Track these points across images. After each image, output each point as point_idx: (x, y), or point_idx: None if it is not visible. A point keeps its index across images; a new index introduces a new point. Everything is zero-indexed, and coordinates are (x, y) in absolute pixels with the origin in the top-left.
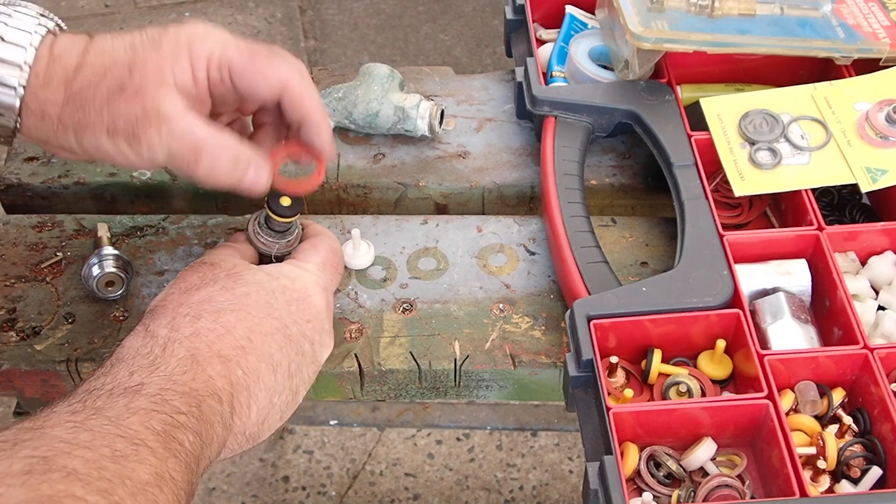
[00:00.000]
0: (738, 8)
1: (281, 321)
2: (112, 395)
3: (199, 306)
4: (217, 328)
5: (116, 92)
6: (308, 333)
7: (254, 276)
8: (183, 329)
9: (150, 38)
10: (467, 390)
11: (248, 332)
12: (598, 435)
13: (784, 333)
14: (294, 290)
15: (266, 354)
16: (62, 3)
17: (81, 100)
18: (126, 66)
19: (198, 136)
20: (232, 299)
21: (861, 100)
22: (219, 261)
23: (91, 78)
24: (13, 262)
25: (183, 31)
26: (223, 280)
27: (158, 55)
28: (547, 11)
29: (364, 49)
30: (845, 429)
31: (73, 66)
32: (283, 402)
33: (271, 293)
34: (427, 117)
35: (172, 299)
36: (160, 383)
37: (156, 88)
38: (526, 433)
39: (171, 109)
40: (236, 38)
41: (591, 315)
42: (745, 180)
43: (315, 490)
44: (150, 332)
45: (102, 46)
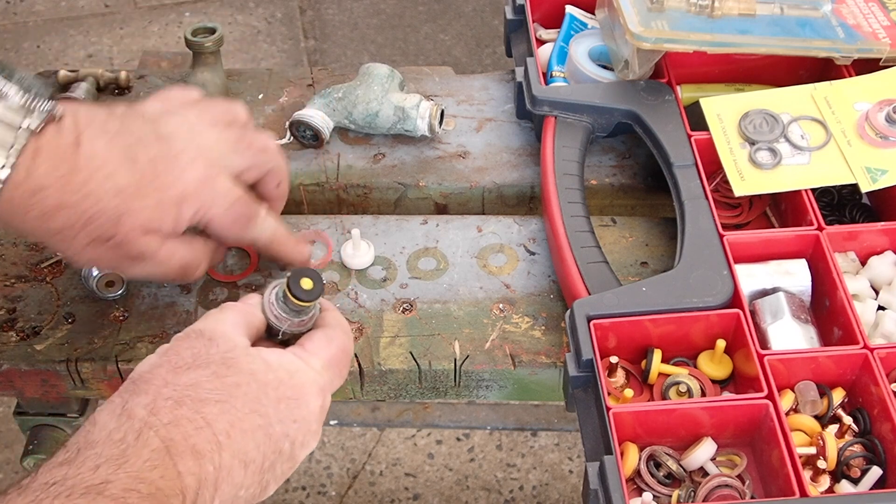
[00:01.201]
0: (738, 8)
1: (266, 419)
2: (71, 497)
3: (184, 391)
4: (197, 419)
5: (99, 241)
6: (291, 434)
7: (250, 364)
8: (162, 415)
9: (141, 181)
10: (467, 390)
11: (229, 426)
12: (598, 435)
13: (784, 333)
14: (289, 386)
15: (241, 451)
16: (62, 3)
17: (61, 238)
18: (112, 218)
19: (180, 259)
20: (220, 388)
21: (861, 100)
22: (218, 336)
23: (73, 221)
24: (13, 262)
25: (177, 185)
26: (216, 365)
27: (145, 207)
28: (547, 11)
29: (364, 49)
30: (845, 429)
31: (52, 205)
32: (248, 495)
33: (263, 387)
34: (427, 117)
35: (159, 376)
36: (125, 483)
37: (140, 239)
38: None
39: (151, 249)
40: (227, 192)
41: (591, 315)
42: (745, 180)
43: (315, 490)
44: (127, 410)
45: (88, 184)
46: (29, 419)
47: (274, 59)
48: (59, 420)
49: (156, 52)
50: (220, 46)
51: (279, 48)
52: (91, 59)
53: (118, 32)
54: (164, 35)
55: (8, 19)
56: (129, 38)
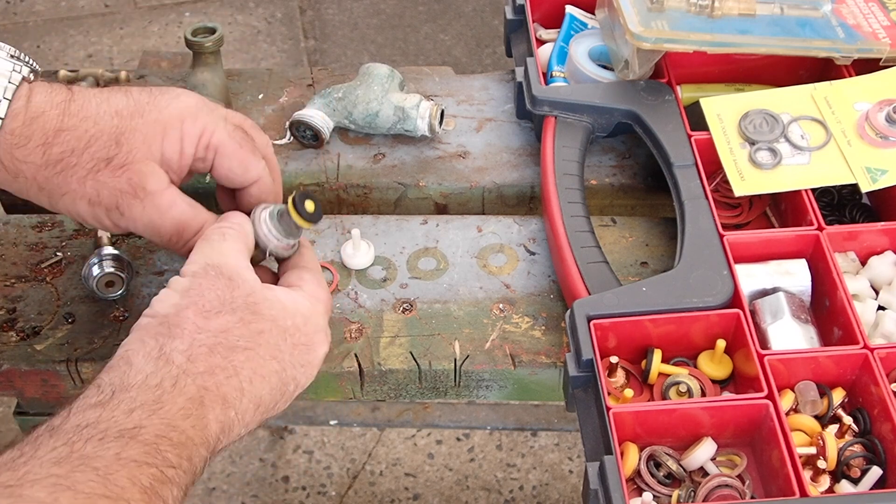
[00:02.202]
0: (738, 8)
1: (282, 364)
2: (104, 440)
3: (216, 338)
4: (228, 368)
5: (102, 163)
6: (298, 377)
7: (271, 309)
8: (199, 362)
9: (137, 104)
10: (467, 390)
11: (252, 373)
12: (598, 435)
13: (784, 333)
14: (303, 332)
15: (257, 396)
16: (62, 3)
17: (62, 166)
18: (113, 136)
19: (181, 213)
20: (247, 336)
21: (861, 100)
22: (236, 275)
23: (74, 145)
24: (13, 262)
25: (175, 104)
26: (242, 311)
27: (147, 125)
28: (547, 11)
29: (364, 49)
30: (845, 429)
31: (52, 129)
32: (246, 431)
33: (283, 334)
34: (427, 117)
35: (189, 319)
36: (158, 429)
37: (143, 162)
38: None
39: (157, 186)
40: (226, 118)
41: (591, 315)
42: (745, 180)
43: (315, 490)
44: (165, 355)
45: (85, 109)
46: (29, 419)
47: (274, 59)
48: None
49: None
50: (220, 46)
51: (279, 48)
52: (91, 59)
53: (118, 32)
54: (164, 35)
55: (8, 19)
56: (129, 38)
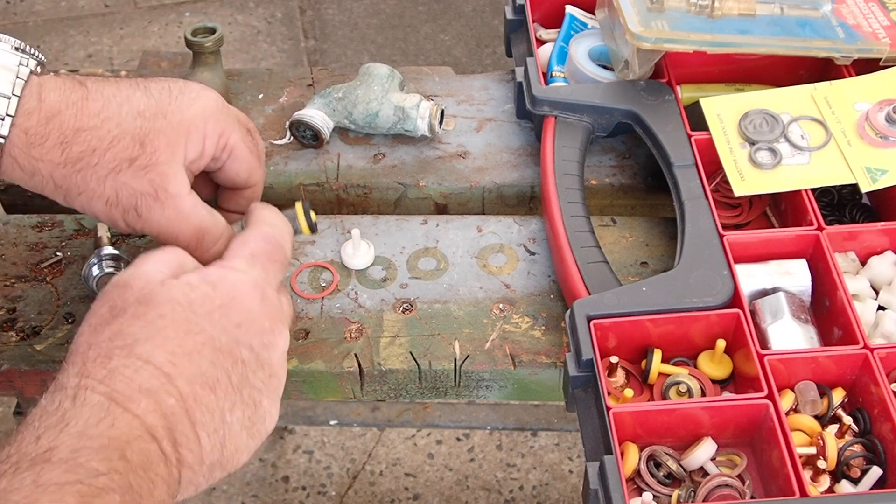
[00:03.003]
0: (738, 8)
1: (205, 334)
2: (18, 471)
3: (110, 343)
4: (133, 363)
5: (125, 163)
6: (242, 339)
7: (168, 292)
8: (95, 374)
9: (159, 104)
10: (467, 390)
11: (170, 356)
12: (598, 435)
13: (784, 333)
14: (215, 296)
15: (197, 374)
16: (62, 3)
17: (82, 165)
18: (137, 137)
19: (202, 220)
20: (144, 326)
21: (861, 100)
22: (135, 278)
23: (96, 144)
24: (13, 262)
25: (197, 104)
26: (133, 307)
27: (172, 127)
28: (547, 11)
29: (364, 49)
30: (845, 429)
31: (70, 128)
32: (240, 418)
33: (189, 307)
34: (427, 117)
35: (81, 343)
36: (72, 443)
37: (167, 164)
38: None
39: (179, 190)
40: (238, 119)
41: (591, 315)
42: (745, 180)
43: (315, 490)
44: (59, 384)
45: (106, 109)
46: None
47: (274, 59)
48: None
49: (156, 52)
50: (220, 46)
51: (279, 48)
52: (91, 59)
53: (118, 32)
54: (164, 35)
55: (8, 19)
56: (129, 38)
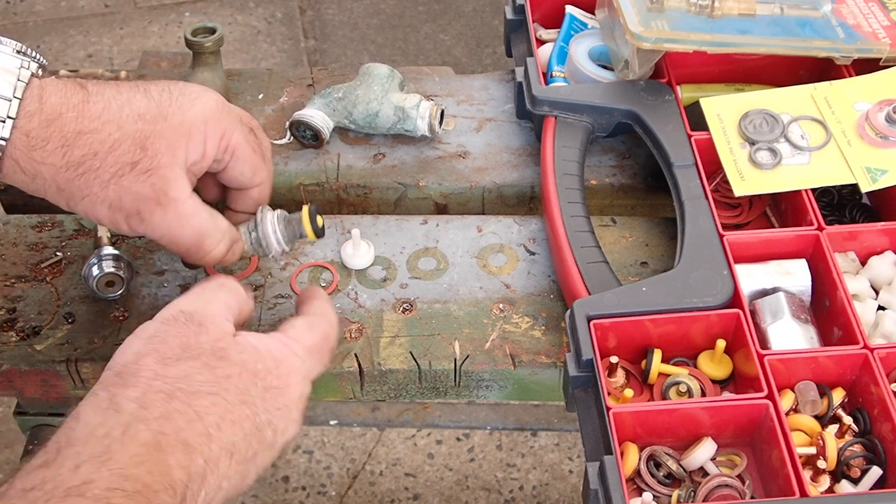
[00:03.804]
0: (738, 8)
1: (253, 409)
2: (50, 502)
3: (176, 384)
4: (189, 412)
5: (126, 167)
6: (274, 422)
7: (240, 354)
8: (153, 409)
9: (159, 106)
10: (467, 390)
11: (219, 419)
12: (598, 435)
13: (784, 333)
14: (275, 375)
15: (230, 443)
16: (62, 3)
17: (84, 169)
18: (137, 141)
19: (202, 223)
20: (212, 381)
21: (861, 100)
22: (208, 321)
23: (97, 148)
24: (13, 262)
25: (197, 105)
26: (207, 356)
27: (172, 129)
28: (547, 11)
29: (364, 49)
30: (845, 429)
31: (72, 131)
32: (230, 485)
33: (252, 378)
34: (427, 117)
35: (147, 367)
36: (108, 481)
37: (168, 168)
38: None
39: (180, 194)
40: (241, 119)
41: (591, 315)
42: (745, 180)
43: (315, 490)
44: (115, 404)
45: (107, 112)
46: (29, 419)
47: (274, 59)
48: (59, 420)
49: (156, 52)
50: (220, 46)
51: (279, 48)
52: (91, 59)
53: (118, 32)
54: (164, 35)
55: (8, 19)
56: (129, 38)
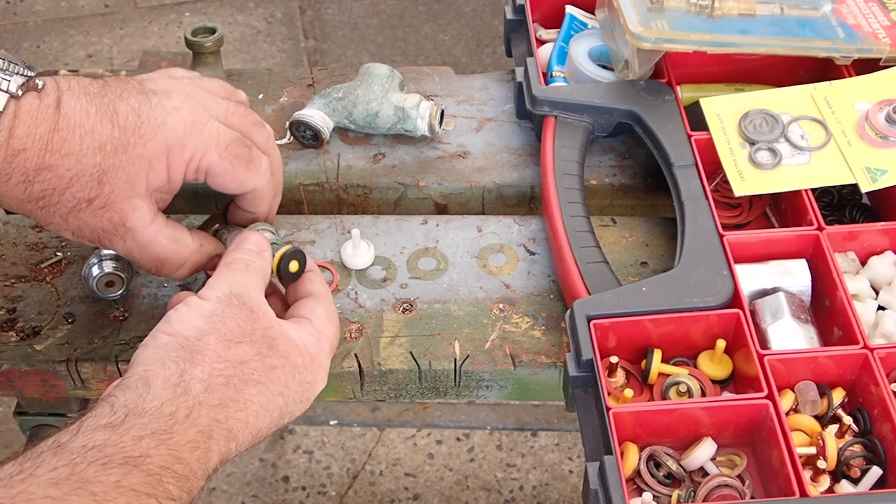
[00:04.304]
0: (738, 8)
1: (286, 400)
2: (107, 465)
3: (234, 369)
4: (239, 401)
5: (83, 203)
6: (294, 410)
7: (286, 344)
8: (215, 394)
9: (122, 134)
10: (467, 390)
11: (259, 408)
12: (598, 435)
13: (784, 333)
14: (309, 370)
15: (258, 428)
16: (62, 3)
17: (44, 203)
18: (95, 176)
19: (161, 250)
20: (262, 370)
21: (861, 100)
22: (256, 308)
23: (55, 184)
24: (13, 262)
25: (162, 132)
26: (260, 344)
27: (131, 162)
28: (547, 11)
29: (364, 49)
30: (845, 429)
31: (33, 167)
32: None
33: (292, 371)
34: (427, 117)
35: (210, 346)
36: (164, 460)
37: (125, 201)
38: (526, 433)
39: (138, 223)
40: (219, 135)
41: (591, 315)
42: (745, 180)
43: (315, 490)
44: (185, 382)
45: (68, 144)
46: (29, 419)
47: (274, 59)
48: (59, 420)
49: (156, 52)
50: (220, 46)
51: (279, 48)
52: (91, 59)
53: (118, 32)
54: (164, 35)
55: (8, 19)
56: (129, 38)
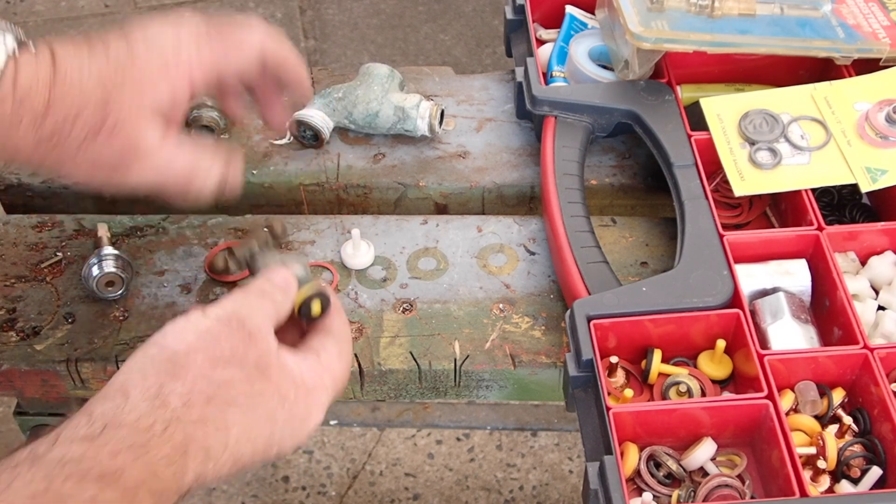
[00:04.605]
0: (738, 8)
1: (272, 429)
2: (83, 481)
3: (217, 389)
4: (219, 421)
5: (92, 132)
6: (284, 444)
7: (279, 374)
8: (193, 410)
9: (118, 64)
10: (467, 390)
11: (241, 433)
12: (598, 435)
13: (784, 333)
14: (303, 405)
15: (239, 454)
16: (62, 3)
17: (55, 142)
18: (99, 104)
19: (183, 164)
20: (248, 394)
21: (861, 100)
22: (256, 332)
23: (64, 118)
24: (13, 262)
25: (154, 52)
26: (250, 368)
27: (133, 84)
28: (547, 11)
29: (364, 49)
30: (845, 429)
31: (41, 107)
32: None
33: (282, 402)
34: (427, 117)
35: (196, 363)
36: (140, 475)
37: (133, 123)
38: (526, 433)
39: (150, 144)
40: (207, 27)
41: (591, 315)
42: (745, 180)
43: (315, 490)
44: (163, 395)
45: (70, 78)
46: (29, 419)
47: None
48: (59, 420)
49: None
50: None
51: None
52: None
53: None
54: None
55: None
56: None
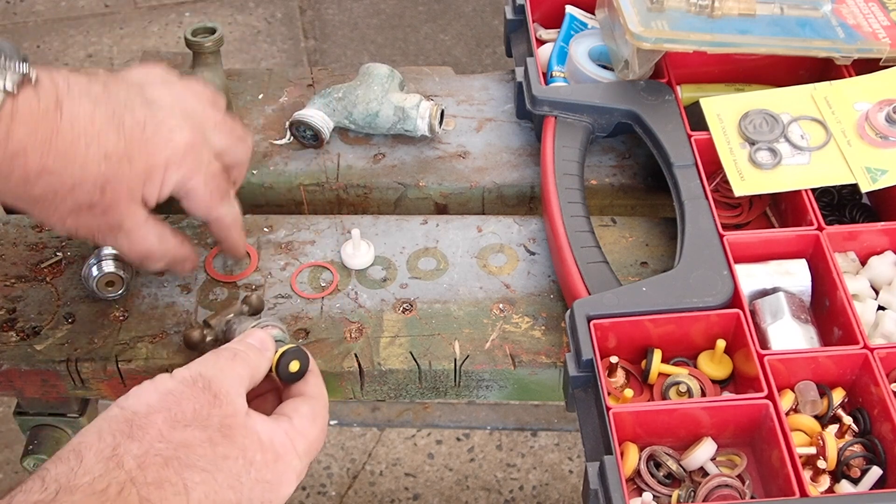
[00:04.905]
0: (738, 8)
1: (239, 496)
2: None
3: (175, 451)
4: (178, 485)
5: (85, 208)
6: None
7: (244, 438)
8: (148, 472)
9: (128, 143)
10: (467, 390)
11: (204, 497)
12: (598, 435)
13: (784, 333)
14: (271, 470)
15: None
16: (62, 3)
17: (43, 205)
18: (98, 184)
19: (148, 246)
20: (209, 457)
21: (861, 100)
22: (223, 395)
23: (57, 188)
24: (13, 262)
25: (165, 150)
26: (213, 430)
27: (133, 173)
28: (547, 11)
29: (364, 49)
30: (845, 429)
31: (35, 169)
32: None
33: (248, 466)
34: (427, 117)
35: (154, 425)
36: None
37: (125, 206)
38: (526, 433)
39: (133, 223)
40: (209, 163)
41: (591, 315)
42: (745, 180)
43: (315, 490)
44: (117, 457)
45: (73, 149)
46: (29, 419)
47: (274, 59)
48: (59, 420)
49: (156, 52)
50: (220, 46)
51: (279, 48)
52: (91, 59)
53: (118, 32)
54: (164, 35)
55: (8, 19)
56: (129, 38)
